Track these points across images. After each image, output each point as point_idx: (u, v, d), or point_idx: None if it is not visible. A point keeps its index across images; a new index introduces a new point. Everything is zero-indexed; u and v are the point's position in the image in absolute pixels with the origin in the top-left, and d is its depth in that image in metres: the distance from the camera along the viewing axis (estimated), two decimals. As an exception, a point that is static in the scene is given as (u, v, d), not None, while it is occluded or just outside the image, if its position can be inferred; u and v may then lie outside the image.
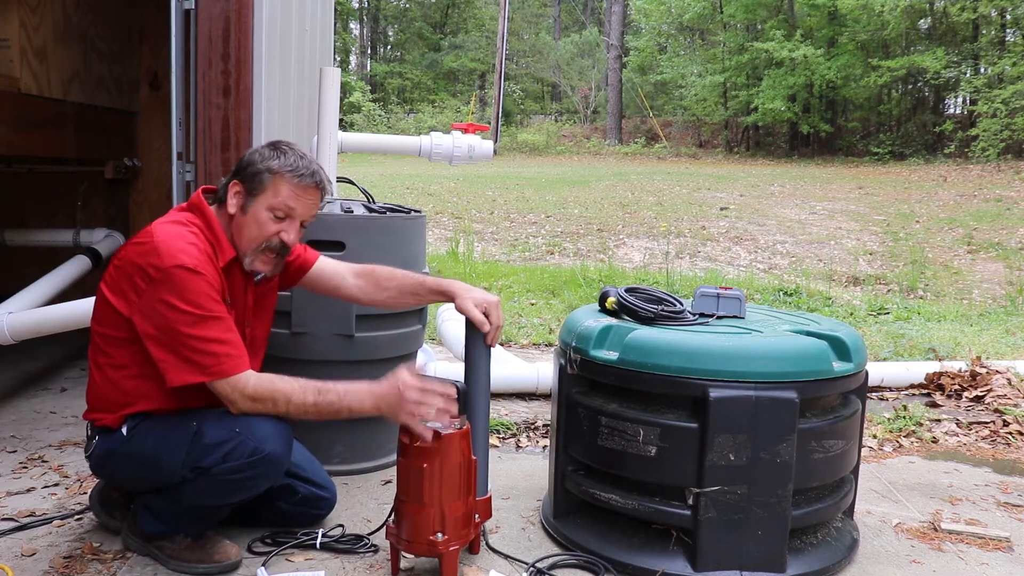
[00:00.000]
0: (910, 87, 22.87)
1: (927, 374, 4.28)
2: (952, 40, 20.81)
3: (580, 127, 28.97)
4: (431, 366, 3.70)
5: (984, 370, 4.19)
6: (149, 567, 2.14)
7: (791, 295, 7.18)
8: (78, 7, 4.14)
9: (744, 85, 23.15)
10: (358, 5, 36.96)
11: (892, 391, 4.26)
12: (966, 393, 4.07)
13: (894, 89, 22.86)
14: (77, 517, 2.42)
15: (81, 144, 4.21)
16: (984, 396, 3.99)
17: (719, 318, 2.40)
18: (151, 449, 2.06)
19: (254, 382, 2.02)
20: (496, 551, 2.29)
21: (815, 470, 2.15)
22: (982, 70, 19.98)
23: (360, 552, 2.24)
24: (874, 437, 3.47)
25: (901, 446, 3.42)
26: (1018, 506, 2.78)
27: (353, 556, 2.23)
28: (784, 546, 2.12)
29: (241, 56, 2.85)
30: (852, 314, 6.44)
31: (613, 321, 2.29)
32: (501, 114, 23.99)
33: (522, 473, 2.95)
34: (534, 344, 5.20)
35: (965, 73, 20.64)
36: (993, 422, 3.70)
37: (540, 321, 5.86)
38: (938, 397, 4.08)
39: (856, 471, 2.41)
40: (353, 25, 37.15)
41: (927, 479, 3.03)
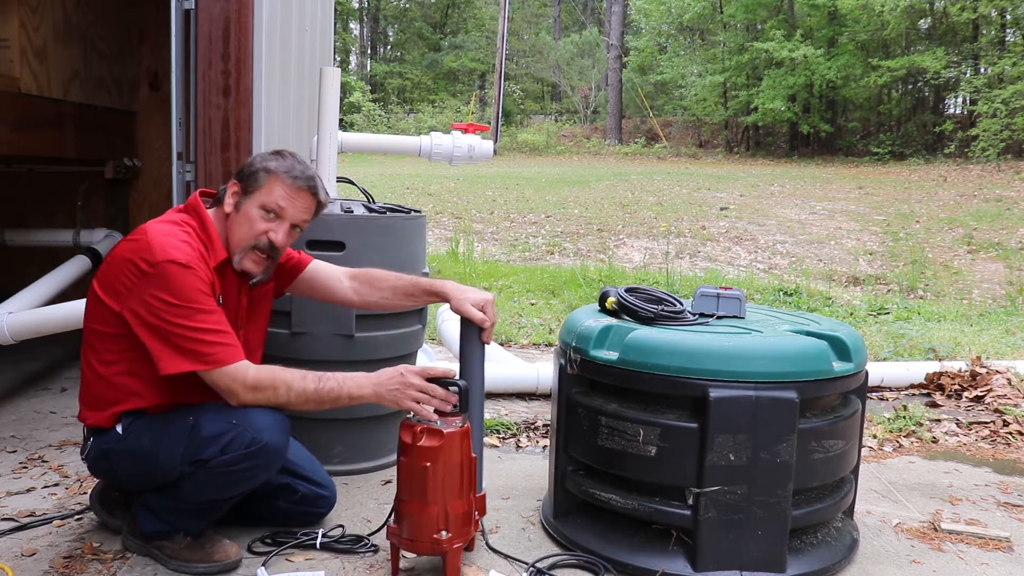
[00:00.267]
0: (910, 87, 22.87)
1: (927, 374, 4.28)
2: (952, 40, 20.81)
3: (580, 127, 28.97)
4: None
5: (984, 370, 4.19)
6: (149, 567, 2.14)
7: (791, 295, 7.18)
8: (78, 7, 4.14)
9: (744, 85, 23.15)
10: (358, 5, 36.96)
11: (892, 391, 4.26)
12: (966, 393, 4.07)
13: (894, 89, 22.86)
14: (77, 517, 2.42)
15: (81, 144, 4.21)
16: (984, 396, 3.99)
17: (719, 318, 2.40)
18: (148, 445, 2.06)
19: (254, 371, 2.03)
20: (496, 551, 2.29)
21: (815, 470, 2.16)
22: (982, 70, 19.98)
23: (360, 552, 2.24)
24: (874, 437, 3.47)
25: (901, 446, 3.42)
26: (1018, 506, 2.78)
27: (353, 556, 2.23)
28: (784, 546, 2.12)
29: (241, 56, 2.85)
30: (852, 314, 6.44)
31: (613, 321, 2.29)
32: (501, 114, 23.99)
33: (522, 473, 2.95)
34: (534, 344, 5.20)
35: (965, 73, 20.64)
36: (993, 422, 3.70)
37: (540, 321, 5.86)
38: (938, 397, 4.08)
39: (856, 471, 2.41)
40: (353, 25, 37.15)
41: (927, 479, 3.03)
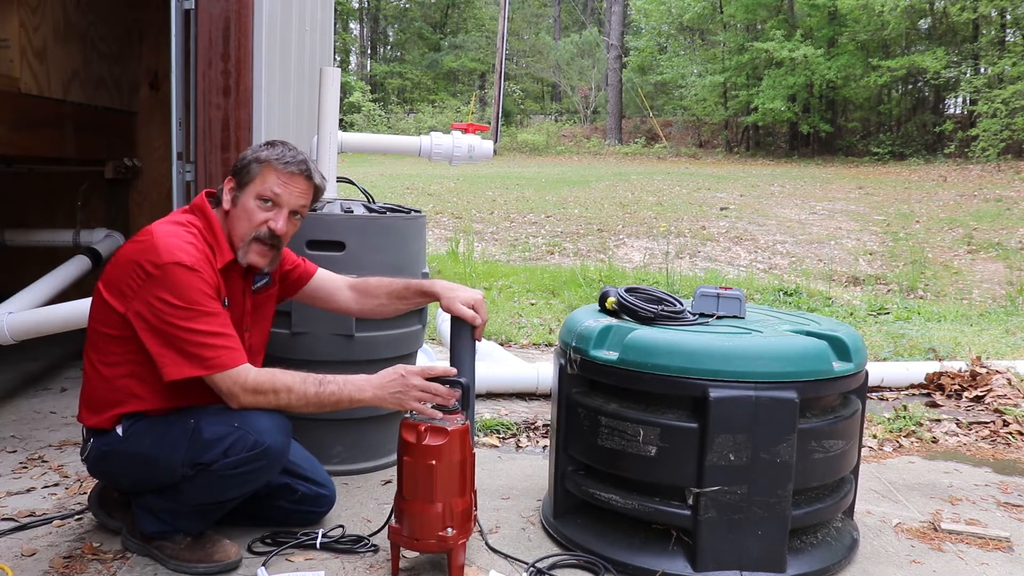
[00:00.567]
0: (910, 87, 22.86)
1: (927, 374, 4.28)
2: (952, 40, 20.80)
3: (580, 127, 28.97)
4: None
5: (984, 370, 4.19)
6: (149, 567, 2.14)
7: (791, 295, 7.18)
8: (78, 7, 4.14)
9: (744, 85, 23.14)
10: (358, 5, 36.96)
11: (892, 391, 4.26)
12: (966, 393, 4.07)
13: (894, 89, 22.85)
14: (77, 517, 2.42)
15: (81, 144, 4.21)
16: (984, 396, 3.99)
17: (719, 318, 2.40)
18: (149, 448, 2.06)
19: (255, 374, 2.03)
20: (496, 551, 2.29)
21: (815, 470, 2.15)
22: (982, 70, 19.97)
23: (360, 552, 2.24)
24: (874, 437, 3.47)
25: (901, 446, 3.42)
26: (1018, 506, 2.78)
27: (353, 556, 2.23)
28: (784, 546, 2.12)
29: (241, 56, 2.85)
30: (852, 314, 6.44)
31: (613, 321, 2.29)
32: (501, 114, 23.98)
33: (522, 473, 2.95)
34: (534, 344, 5.20)
35: (965, 73, 20.62)
36: (993, 422, 3.70)
37: (540, 321, 5.86)
38: (938, 397, 4.08)
39: (856, 471, 2.41)
40: (353, 25, 37.15)
41: (927, 479, 3.03)
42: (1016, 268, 8.81)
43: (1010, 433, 3.56)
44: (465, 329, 2.21)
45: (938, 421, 3.73)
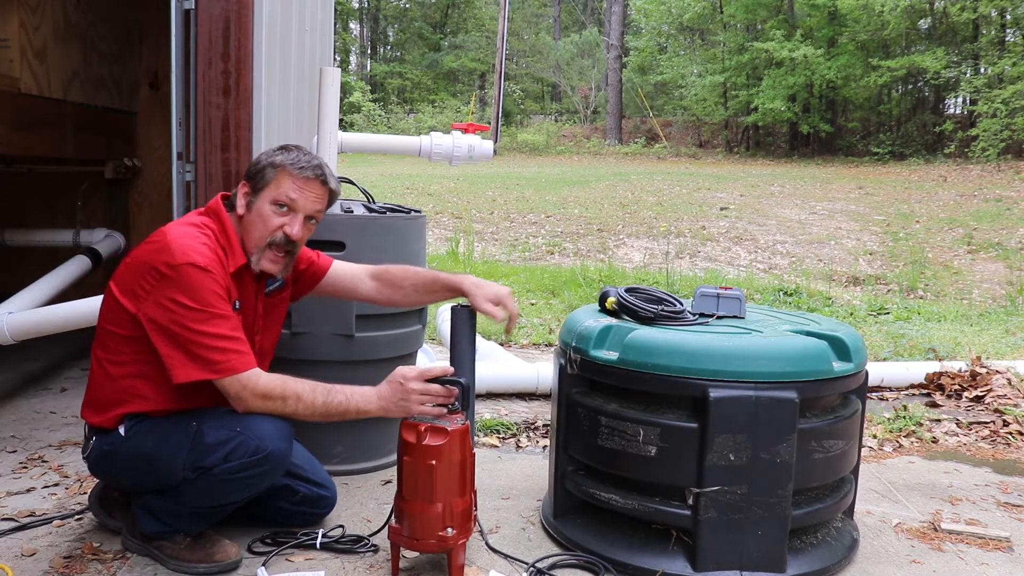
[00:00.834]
0: (910, 87, 22.86)
1: (927, 374, 4.28)
2: (952, 40, 20.81)
3: (580, 127, 28.97)
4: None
5: (984, 370, 4.19)
6: (149, 567, 2.14)
7: (791, 295, 7.18)
8: (78, 7, 4.14)
9: (744, 85, 23.15)
10: (358, 5, 36.96)
11: (892, 391, 4.26)
12: (966, 393, 4.07)
13: (894, 89, 22.85)
14: (77, 517, 2.42)
15: (81, 144, 4.21)
16: (984, 396, 3.99)
17: (719, 318, 2.40)
18: (151, 449, 2.06)
19: (265, 380, 2.03)
20: (496, 551, 2.29)
21: (815, 470, 2.16)
22: (982, 70, 19.97)
23: (360, 552, 2.24)
24: (874, 437, 3.47)
25: (901, 446, 3.42)
26: (1018, 506, 2.78)
27: (353, 556, 2.23)
28: (784, 546, 2.12)
29: (241, 56, 2.85)
30: (852, 314, 6.44)
31: (613, 321, 2.29)
32: (501, 114, 23.98)
33: (522, 473, 2.95)
34: (534, 344, 5.20)
35: (965, 73, 20.63)
36: (993, 422, 3.70)
37: (540, 321, 5.86)
38: (938, 397, 4.08)
39: (856, 471, 2.41)
40: (353, 25, 37.15)
41: (927, 479, 3.03)
42: (1016, 268, 8.81)
43: (1010, 433, 3.56)
44: (465, 329, 2.20)
45: (938, 421, 3.73)
